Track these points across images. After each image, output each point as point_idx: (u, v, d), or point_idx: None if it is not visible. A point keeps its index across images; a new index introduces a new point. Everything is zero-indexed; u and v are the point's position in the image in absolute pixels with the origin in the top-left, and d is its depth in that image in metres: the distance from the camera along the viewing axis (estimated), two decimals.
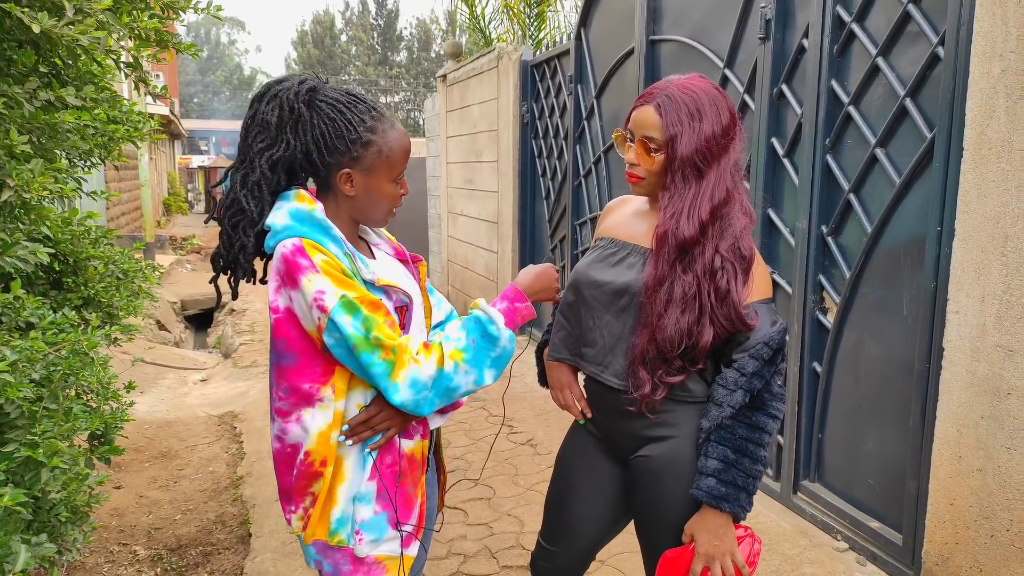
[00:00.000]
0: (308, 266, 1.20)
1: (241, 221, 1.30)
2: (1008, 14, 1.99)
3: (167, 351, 6.91)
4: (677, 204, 1.39)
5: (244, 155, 1.31)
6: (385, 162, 1.31)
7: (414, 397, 1.24)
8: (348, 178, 1.31)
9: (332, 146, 1.28)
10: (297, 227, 1.24)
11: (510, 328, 1.33)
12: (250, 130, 1.30)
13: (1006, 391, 2.05)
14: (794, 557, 2.66)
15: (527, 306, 1.37)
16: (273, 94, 1.29)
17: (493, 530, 2.92)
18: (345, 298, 1.19)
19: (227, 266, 1.35)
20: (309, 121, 1.27)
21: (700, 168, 1.39)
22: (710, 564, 1.41)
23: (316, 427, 1.25)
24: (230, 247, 1.32)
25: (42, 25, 1.41)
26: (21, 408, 1.49)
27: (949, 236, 2.22)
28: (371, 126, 1.30)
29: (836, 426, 2.86)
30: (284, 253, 1.22)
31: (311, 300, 1.19)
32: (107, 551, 2.85)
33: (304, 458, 1.25)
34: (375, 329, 1.20)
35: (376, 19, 41.46)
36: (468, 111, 6.85)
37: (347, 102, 1.30)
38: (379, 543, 1.33)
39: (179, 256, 13.38)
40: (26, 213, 1.74)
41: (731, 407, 1.39)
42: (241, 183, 1.29)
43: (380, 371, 1.21)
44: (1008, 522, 2.07)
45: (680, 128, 1.37)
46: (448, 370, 1.26)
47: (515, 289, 1.39)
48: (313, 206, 1.27)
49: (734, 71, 3.25)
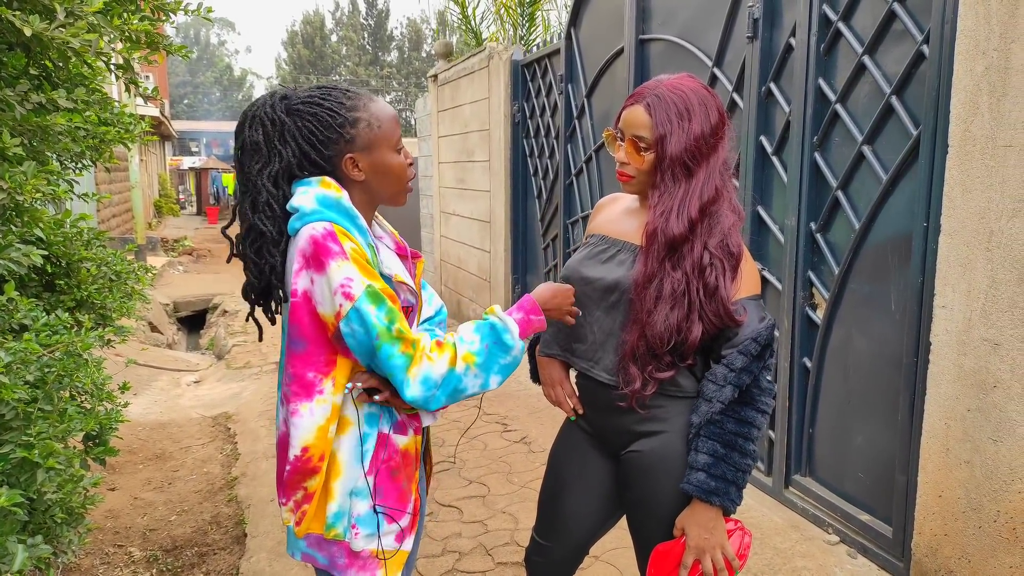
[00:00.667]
0: (339, 251, 1.21)
1: (263, 244, 1.30)
2: (991, 12, 2.01)
3: (160, 353, 6.90)
4: (667, 202, 1.41)
5: (245, 182, 1.31)
6: (379, 133, 1.33)
7: (424, 394, 1.25)
8: (353, 163, 1.32)
9: (324, 138, 1.29)
10: (325, 212, 1.25)
11: (522, 339, 1.34)
12: (243, 158, 1.31)
13: (992, 384, 2.08)
14: (786, 551, 2.69)
15: (541, 319, 1.38)
16: (252, 116, 1.31)
17: (488, 527, 2.94)
18: (371, 288, 1.21)
19: (261, 295, 1.35)
20: (293, 126, 1.29)
21: (689, 167, 1.41)
22: (700, 557, 1.43)
23: (315, 422, 1.26)
24: (260, 273, 1.31)
25: (34, 28, 1.41)
26: (16, 409, 1.49)
27: (935, 232, 2.25)
28: (351, 105, 1.31)
29: (826, 421, 2.88)
30: (314, 235, 1.22)
31: (337, 286, 1.20)
32: (102, 553, 2.85)
33: (301, 454, 1.26)
34: (398, 322, 1.22)
35: (366, 19, 41.38)
36: (459, 111, 6.86)
37: (321, 95, 1.32)
38: (374, 537, 1.34)
39: (171, 258, 13.33)
40: (18, 215, 1.74)
41: (720, 402, 1.41)
42: (252, 209, 1.30)
43: (399, 363, 1.23)
44: (995, 513, 2.10)
45: (669, 127, 1.39)
46: (459, 371, 1.27)
47: (532, 301, 1.39)
48: (340, 193, 1.29)
49: (723, 70, 3.28)
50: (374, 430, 1.33)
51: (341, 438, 1.31)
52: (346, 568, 1.35)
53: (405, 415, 1.37)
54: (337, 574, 1.36)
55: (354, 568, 1.35)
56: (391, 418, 1.36)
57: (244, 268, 1.34)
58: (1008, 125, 1.98)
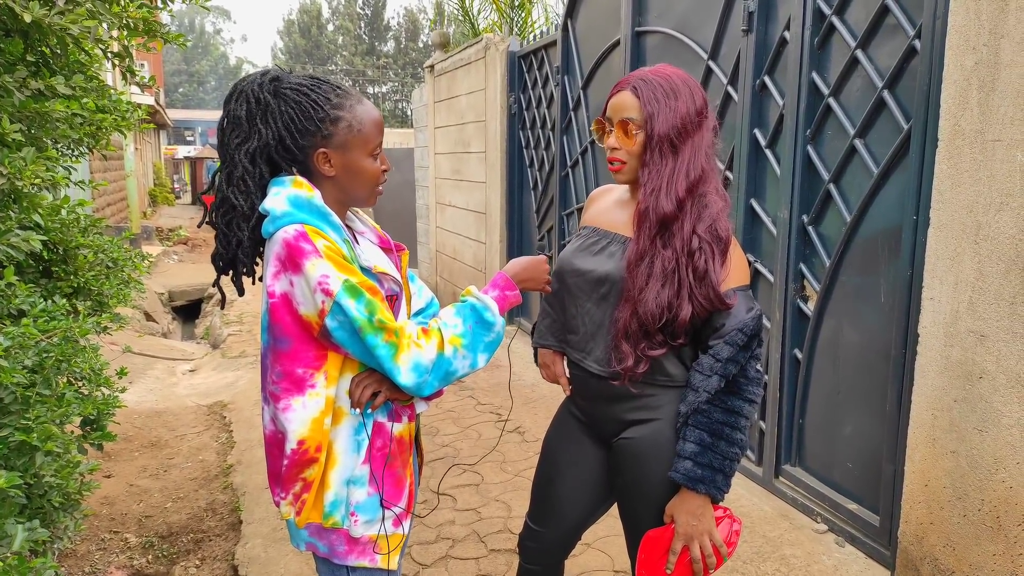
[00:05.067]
0: (311, 251, 1.22)
1: (234, 217, 1.33)
2: (981, 8, 2.04)
3: (155, 341, 6.90)
4: (655, 180, 1.43)
5: (224, 154, 1.34)
6: (357, 136, 1.33)
7: (416, 380, 1.28)
8: (325, 158, 1.33)
9: (303, 128, 1.30)
10: (296, 213, 1.27)
11: (501, 315, 1.38)
12: (225, 130, 1.34)
13: (978, 375, 2.11)
14: (775, 539, 2.72)
15: (516, 294, 1.42)
16: (239, 90, 1.32)
17: (481, 515, 2.97)
18: (348, 282, 1.22)
19: (227, 265, 1.38)
20: (277, 109, 1.30)
21: (675, 144, 1.43)
22: (689, 543, 1.46)
23: (309, 415, 1.27)
24: (227, 245, 1.35)
25: (33, 14, 1.42)
26: (15, 394, 1.51)
27: (924, 225, 2.28)
28: (337, 103, 1.32)
29: (816, 411, 2.92)
30: (286, 238, 1.24)
31: (315, 284, 1.21)
32: (98, 539, 2.87)
33: (298, 447, 1.28)
34: (378, 312, 1.24)
35: (363, 8, 41.17)
36: (456, 101, 6.86)
37: (311, 85, 1.32)
38: (373, 523, 1.37)
39: (166, 247, 13.30)
40: (16, 201, 1.75)
41: (707, 392, 1.43)
42: (227, 181, 1.32)
43: (384, 353, 1.25)
44: (980, 502, 2.14)
45: (657, 106, 1.43)
46: (448, 355, 1.30)
47: (504, 277, 1.43)
48: (312, 193, 1.30)
49: (718, 63, 3.29)
50: (369, 419, 1.36)
51: (336, 428, 1.33)
52: (346, 555, 1.38)
53: (399, 404, 1.39)
54: (337, 561, 1.39)
55: (354, 554, 1.38)
56: (385, 407, 1.38)
57: (215, 235, 1.37)
58: (996, 120, 2.01)
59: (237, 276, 1.40)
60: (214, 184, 1.37)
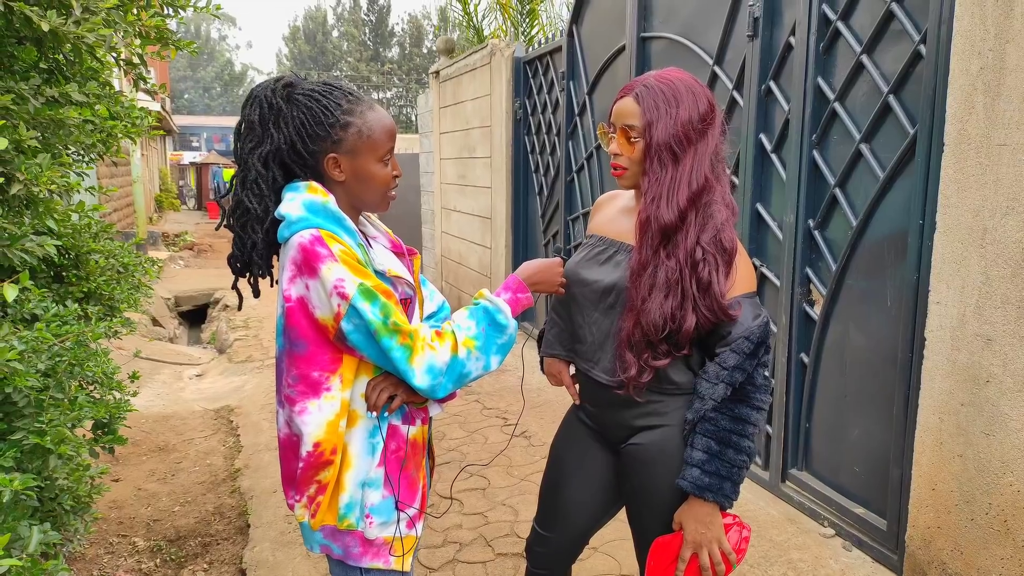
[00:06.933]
0: (327, 255, 1.24)
1: (248, 220, 1.35)
2: (986, 13, 2.04)
3: (162, 346, 6.93)
4: (656, 189, 1.43)
5: (239, 158, 1.37)
6: (367, 142, 1.35)
7: (431, 382, 1.29)
8: (335, 163, 1.34)
9: (313, 133, 1.32)
10: (312, 218, 1.28)
11: (513, 317, 1.39)
12: (240, 134, 1.37)
13: (985, 379, 2.12)
14: (782, 543, 2.72)
15: (527, 296, 1.44)
16: (254, 96, 1.35)
17: (488, 519, 2.98)
18: (363, 286, 1.24)
19: (244, 267, 1.40)
20: (289, 114, 1.32)
21: (676, 153, 1.42)
22: (697, 551, 1.45)
23: (324, 417, 1.29)
24: (243, 247, 1.37)
25: (51, 23, 1.44)
26: (28, 397, 1.53)
27: (931, 229, 2.28)
28: (348, 109, 1.34)
29: (823, 415, 2.92)
30: (302, 243, 1.25)
31: (331, 288, 1.23)
32: (107, 542, 2.88)
33: (313, 449, 1.29)
34: (393, 315, 1.25)
35: (368, 15, 41.34)
36: (461, 107, 6.88)
37: (323, 91, 1.34)
38: (387, 525, 1.38)
39: (172, 252, 13.35)
40: (30, 207, 1.77)
41: (713, 400, 1.42)
42: (241, 185, 1.35)
43: (399, 355, 1.26)
44: (987, 506, 2.14)
45: (657, 114, 1.41)
46: (462, 357, 1.32)
47: (516, 280, 1.45)
48: (327, 198, 1.31)
49: (723, 68, 3.31)
50: (384, 422, 1.37)
51: (352, 431, 1.34)
52: (360, 556, 1.39)
53: (414, 407, 1.40)
54: (351, 563, 1.40)
55: (368, 556, 1.39)
56: (400, 410, 1.39)
57: (232, 239, 1.40)
58: (1002, 124, 2.02)
59: (253, 278, 1.42)
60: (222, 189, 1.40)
